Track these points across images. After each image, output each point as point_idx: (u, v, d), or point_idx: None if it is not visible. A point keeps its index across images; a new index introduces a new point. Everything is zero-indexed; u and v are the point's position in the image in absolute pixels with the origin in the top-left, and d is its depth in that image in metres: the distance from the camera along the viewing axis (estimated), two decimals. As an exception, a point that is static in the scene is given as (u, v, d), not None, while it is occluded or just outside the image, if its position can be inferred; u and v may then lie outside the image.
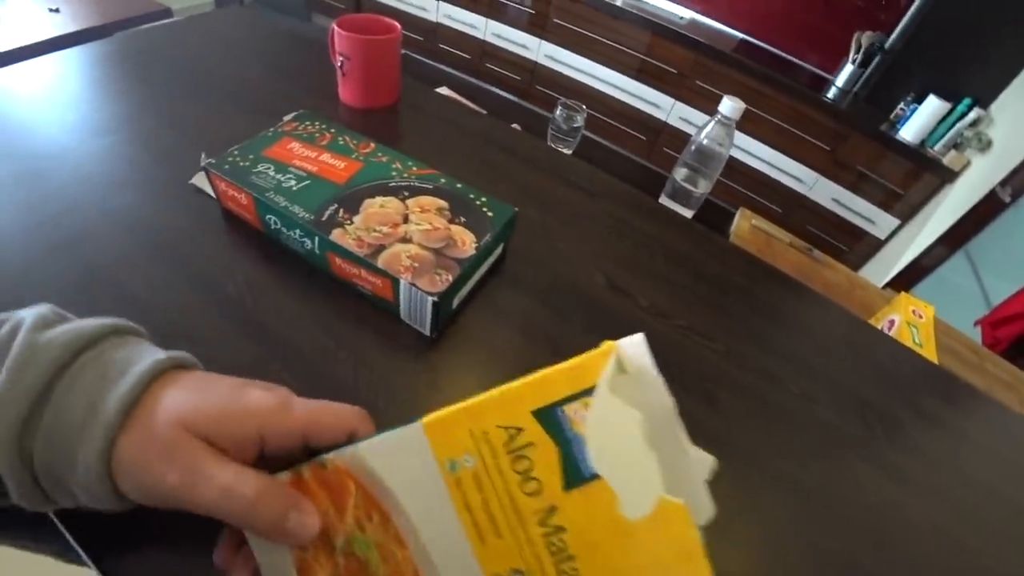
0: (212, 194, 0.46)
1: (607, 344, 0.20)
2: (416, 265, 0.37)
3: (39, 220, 0.42)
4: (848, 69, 2.08)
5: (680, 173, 0.83)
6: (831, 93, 2.05)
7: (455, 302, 0.40)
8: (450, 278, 0.37)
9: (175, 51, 0.69)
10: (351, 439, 0.23)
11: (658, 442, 0.19)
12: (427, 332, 0.39)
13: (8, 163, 0.47)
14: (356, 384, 0.36)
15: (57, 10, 1.48)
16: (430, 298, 0.36)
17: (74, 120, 0.54)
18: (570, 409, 0.19)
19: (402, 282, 0.37)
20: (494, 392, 0.20)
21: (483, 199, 0.44)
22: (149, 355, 0.23)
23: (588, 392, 0.19)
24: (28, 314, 0.23)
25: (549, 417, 0.19)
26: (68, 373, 0.21)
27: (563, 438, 0.19)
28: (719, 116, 0.77)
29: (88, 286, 0.39)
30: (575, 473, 0.19)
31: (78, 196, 0.45)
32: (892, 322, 0.70)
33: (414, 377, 0.38)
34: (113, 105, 0.57)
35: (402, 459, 0.21)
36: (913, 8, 1.97)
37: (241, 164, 0.44)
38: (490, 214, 0.43)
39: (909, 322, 0.67)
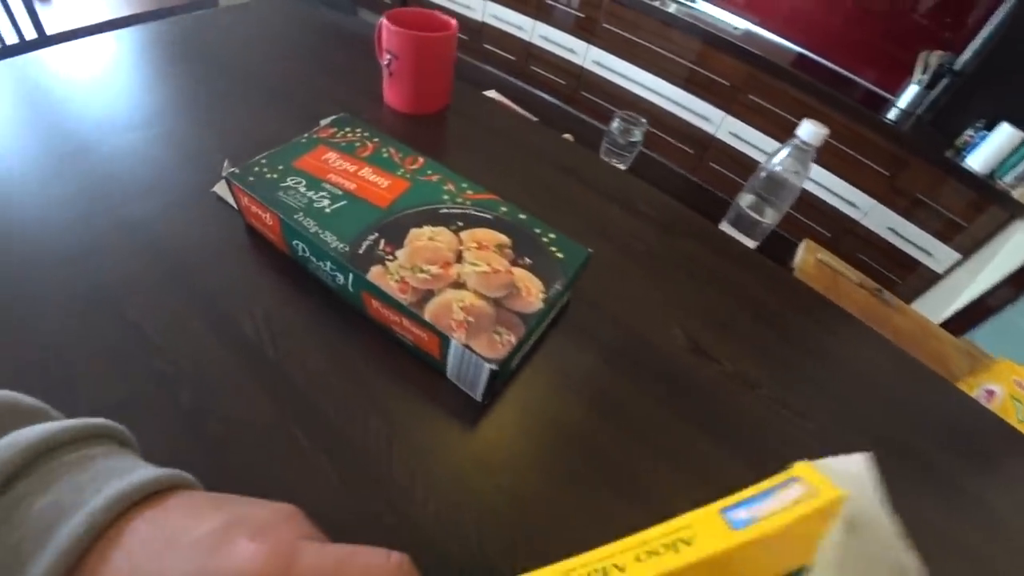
0: (235, 205, 0.41)
1: (827, 491, 0.12)
2: (471, 320, 0.30)
3: (51, 228, 0.38)
4: (912, 89, 1.95)
5: (746, 200, 0.75)
6: (892, 114, 1.93)
7: (514, 363, 0.34)
8: (512, 340, 0.30)
9: (214, 40, 0.64)
10: None
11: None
12: (477, 397, 0.33)
13: (31, 160, 0.43)
14: (389, 461, 0.30)
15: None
16: (487, 365, 0.29)
17: (103, 112, 0.49)
18: None
19: (453, 341, 0.30)
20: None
21: (551, 235, 0.37)
22: (114, 482, 0.16)
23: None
24: None
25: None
26: (18, 491, 0.15)
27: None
28: (796, 141, 0.69)
29: (87, 311, 0.33)
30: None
31: (94, 201, 0.41)
32: (991, 392, 0.61)
33: (459, 453, 0.31)
34: (145, 96, 0.53)
35: None
36: (989, 28, 1.84)
37: (268, 176, 0.37)
38: (560, 255, 0.36)
39: (1014, 396, 0.58)
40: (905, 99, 1.97)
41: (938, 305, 1.81)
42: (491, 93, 0.90)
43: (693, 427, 0.37)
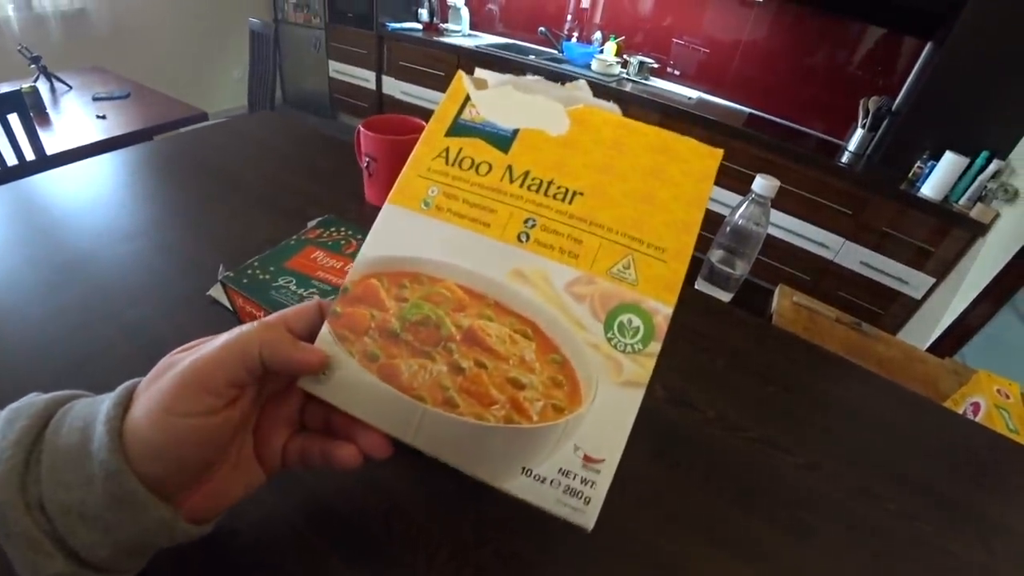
0: (230, 307, 0.43)
1: (458, 75, 0.28)
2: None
3: (54, 336, 0.40)
4: (859, 133, 2.10)
5: (716, 255, 0.79)
6: (845, 158, 2.06)
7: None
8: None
9: (206, 154, 0.69)
10: (322, 310, 0.25)
11: (533, 90, 0.27)
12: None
13: (32, 272, 0.46)
14: (390, 536, 0.31)
15: (104, 117, 1.58)
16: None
17: (101, 225, 0.53)
18: (466, 115, 0.27)
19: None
20: (416, 147, 0.27)
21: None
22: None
23: (467, 99, 0.27)
24: None
25: (457, 129, 0.26)
26: (53, 419, 0.21)
27: (476, 129, 0.26)
28: (752, 195, 0.75)
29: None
30: (502, 139, 0.26)
31: (95, 309, 0.43)
32: (976, 406, 0.62)
33: (461, 512, 0.32)
34: (141, 210, 0.57)
35: (394, 232, 0.25)
36: (915, 70, 2.02)
37: (261, 277, 0.41)
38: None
39: (998, 405, 0.60)
40: (853, 142, 2.11)
41: (923, 331, 1.85)
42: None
43: (680, 474, 0.38)
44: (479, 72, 0.27)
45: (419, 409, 0.22)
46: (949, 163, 1.83)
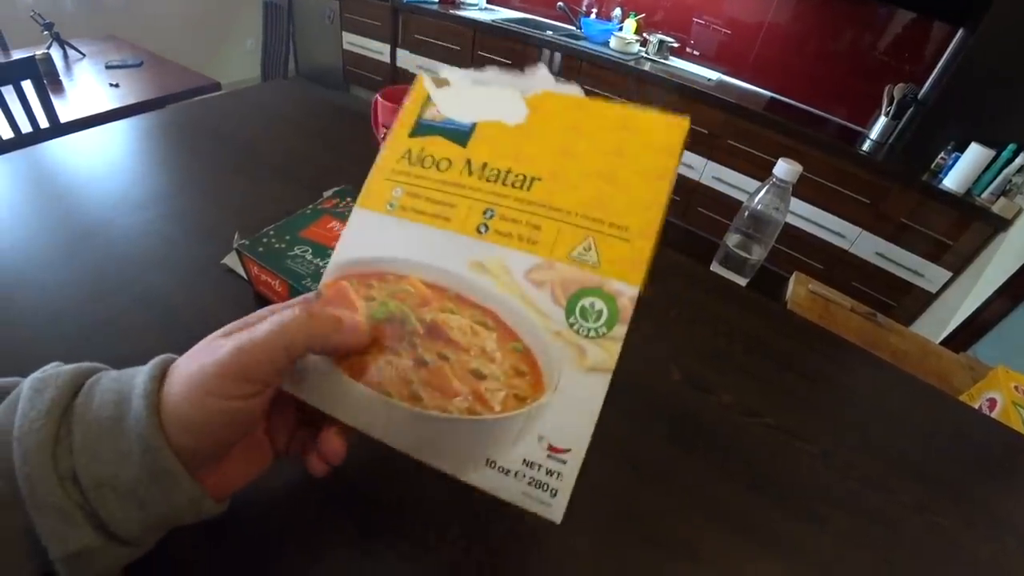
0: (244, 276, 0.43)
1: (418, 76, 0.28)
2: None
3: (70, 303, 0.40)
4: (882, 121, 2.04)
5: (732, 239, 0.78)
6: (866, 146, 2.01)
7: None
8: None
9: (219, 123, 0.69)
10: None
11: (492, 83, 0.27)
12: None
13: (48, 240, 0.46)
14: (401, 513, 0.31)
15: (117, 85, 1.57)
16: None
17: (115, 193, 0.53)
18: (427, 115, 0.27)
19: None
20: (381, 150, 0.27)
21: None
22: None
23: (428, 99, 0.27)
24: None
25: (419, 129, 0.27)
26: (82, 392, 0.21)
27: (437, 128, 0.27)
28: (773, 179, 0.73)
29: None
30: (461, 134, 0.26)
31: (110, 277, 0.43)
32: (993, 402, 0.61)
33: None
34: (155, 178, 0.56)
35: (362, 235, 0.26)
36: (944, 58, 1.96)
37: (276, 246, 0.40)
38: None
39: (1016, 402, 0.59)
40: (876, 131, 2.06)
41: (936, 325, 1.82)
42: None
43: (696, 459, 0.38)
44: (443, 70, 0.28)
45: (385, 403, 0.23)
46: (974, 155, 1.78)
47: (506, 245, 0.24)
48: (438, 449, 0.23)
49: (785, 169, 0.71)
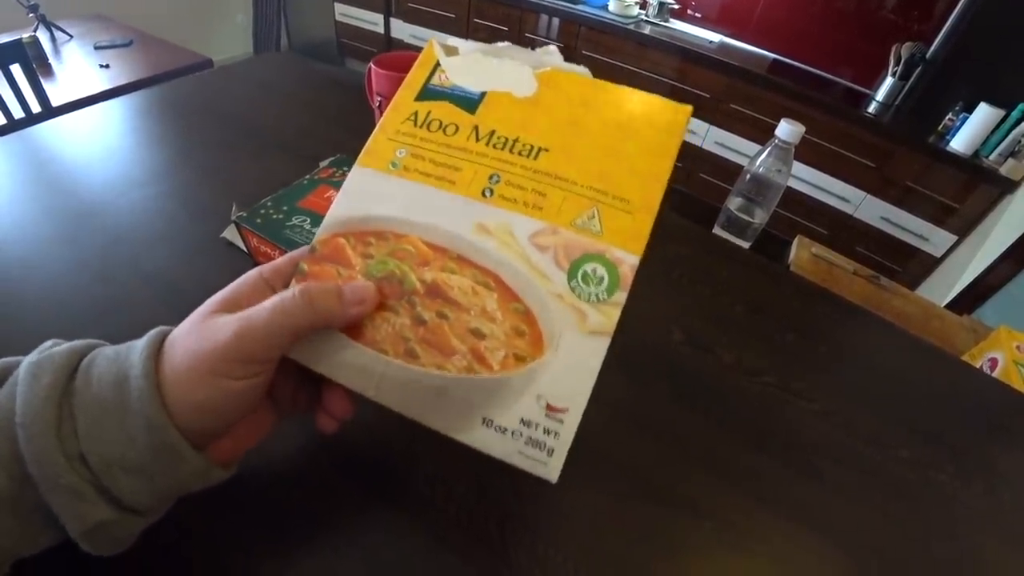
0: (244, 248, 0.43)
1: (429, 42, 0.28)
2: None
3: (74, 286, 0.40)
4: (888, 82, 2.00)
5: (734, 203, 0.77)
6: (872, 108, 1.97)
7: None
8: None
9: (213, 99, 0.68)
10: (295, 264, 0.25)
11: (502, 55, 0.27)
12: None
13: (48, 224, 0.46)
14: (409, 471, 0.31)
15: (107, 66, 1.54)
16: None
17: (112, 173, 0.52)
18: (435, 81, 0.27)
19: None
20: (386, 112, 0.27)
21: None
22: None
23: (437, 65, 0.28)
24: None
25: (427, 93, 0.27)
26: (79, 372, 0.21)
27: (445, 93, 0.27)
28: (776, 141, 0.72)
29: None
30: (470, 102, 0.27)
31: (112, 257, 0.43)
32: (994, 361, 0.62)
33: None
34: (151, 155, 0.56)
35: (362, 192, 0.26)
36: (954, 15, 1.90)
37: (274, 217, 0.40)
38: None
39: (1016, 361, 0.59)
40: (882, 92, 2.01)
41: (940, 289, 1.82)
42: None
43: (698, 416, 0.38)
44: (451, 40, 0.28)
45: (380, 361, 0.23)
46: (983, 115, 1.74)
47: (511, 210, 0.24)
48: (434, 408, 0.23)
49: (787, 130, 0.70)
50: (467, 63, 0.27)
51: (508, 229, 0.24)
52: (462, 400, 0.22)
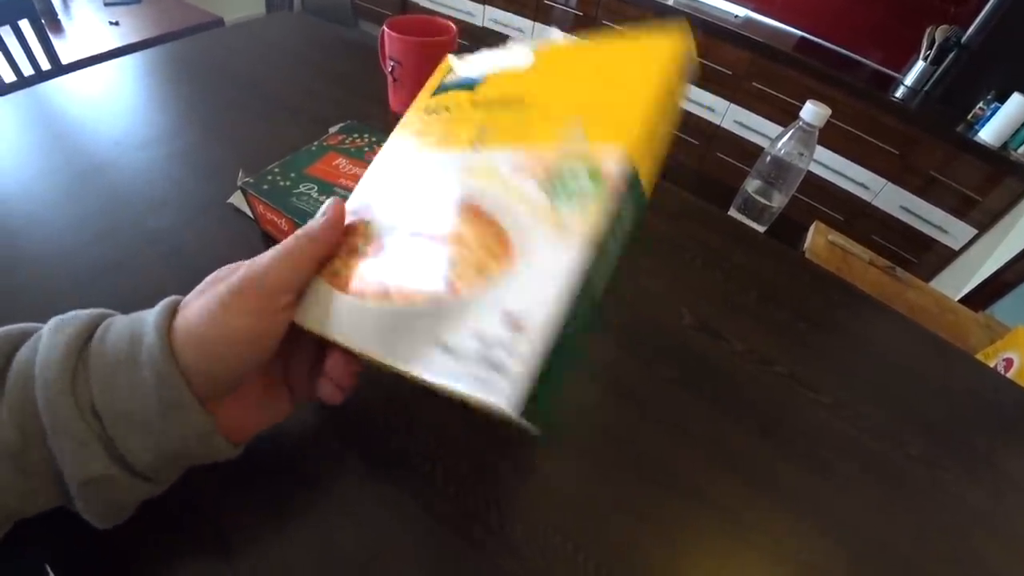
0: (250, 214, 0.42)
1: (446, 57, 0.32)
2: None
3: (78, 244, 0.40)
4: (919, 66, 1.92)
5: (752, 185, 0.75)
6: (900, 93, 1.90)
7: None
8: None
9: (223, 58, 0.66)
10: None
11: (511, 46, 0.28)
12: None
13: (53, 181, 0.45)
14: (410, 443, 0.31)
15: (117, 23, 1.52)
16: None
17: (118, 132, 0.52)
18: (447, 80, 0.30)
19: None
20: (407, 113, 0.31)
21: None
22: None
23: (451, 70, 0.31)
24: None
25: (439, 90, 0.30)
26: (97, 332, 0.22)
27: (453, 84, 0.30)
28: (800, 123, 0.69)
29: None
30: (471, 84, 0.29)
31: (117, 217, 0.43)
32: (1010, 361, 0.60)
33: (478, 437, 0.33)
34: (159, 115, 0.55)
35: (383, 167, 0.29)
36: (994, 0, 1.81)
37: (281, 184, 0.39)
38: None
39: (1033, 362, 0.58)
40: (912, 76, 1.94)
41: (956, 282, 1.78)
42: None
43: (704, 403, 0.37)
44: (466, 56, 0.31)
45: (353, 308, 0.23)
46: (1016, 106, 1.67)
47: (495, 150, 0.24)
48: (393, 343, 0.21)
49: (813, 112, 0.67)
50: (476, 59, 0.30)
51: (492, 167, 0.24)
52: (422, 326, 0.21)
